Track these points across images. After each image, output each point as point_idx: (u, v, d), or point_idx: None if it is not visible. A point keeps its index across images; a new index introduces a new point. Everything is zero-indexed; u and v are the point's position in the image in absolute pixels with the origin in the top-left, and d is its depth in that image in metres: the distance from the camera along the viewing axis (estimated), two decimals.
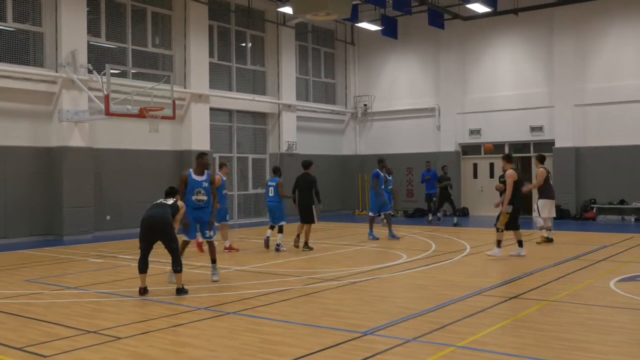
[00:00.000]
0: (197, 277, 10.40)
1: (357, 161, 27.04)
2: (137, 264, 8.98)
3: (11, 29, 16.77)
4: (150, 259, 9.01)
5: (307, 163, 14.44)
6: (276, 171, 14.57)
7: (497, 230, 12.35)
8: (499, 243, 12.28)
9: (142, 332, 6.85)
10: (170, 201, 9.22)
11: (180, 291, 8.83)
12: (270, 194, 14.08)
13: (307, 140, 25.23)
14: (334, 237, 15.49)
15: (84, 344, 6.38)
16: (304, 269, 11.12)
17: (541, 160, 15.14)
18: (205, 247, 11.69)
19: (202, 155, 10.02)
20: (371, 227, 15.69)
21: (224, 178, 13.63)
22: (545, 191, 14.58)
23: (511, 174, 12.28)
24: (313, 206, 13.87)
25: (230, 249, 13.64)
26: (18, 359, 5.93)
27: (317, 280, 9.95)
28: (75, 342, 6.46)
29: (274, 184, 14.11)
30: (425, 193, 21.71)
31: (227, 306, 8.09)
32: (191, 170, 9.95)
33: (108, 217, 18.32)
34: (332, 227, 15.51)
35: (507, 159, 12.75)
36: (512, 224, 12.32)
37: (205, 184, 9.80)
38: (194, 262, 12.18)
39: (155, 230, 8.80)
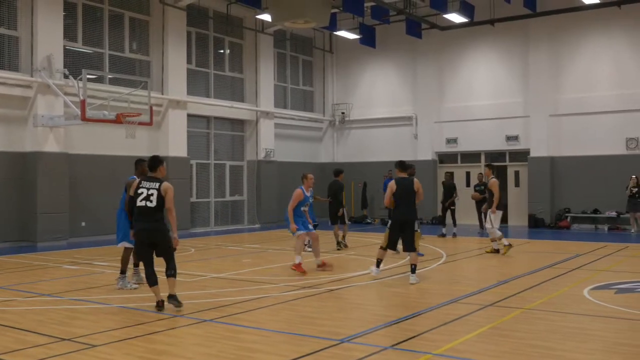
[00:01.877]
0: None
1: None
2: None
3: None
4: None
5: (337, 171, 16.08)
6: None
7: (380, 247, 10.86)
8: (378, 263, 10.81)
9: (118, 339, 6.78)
10: (153, 196, 8.18)
11: (173, 298, 8.19)
12: None
13: (285, 148, 25.25)
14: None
15: (59, 352, 6.30)
16: (280, 277, 11.09)
17: (493, 170, 14.81)
18: (305, 268, 11.24)
19: (141, 161, 9.87)
20: None
21: (307, 193, 12.25)
22: (500, 201, 14.28)
23: (390, 184, 10.69)
24: (343, 209, 15.50)
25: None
26: None
27: (294, 288, 9.93)
28: (49, 350, 6.37)
29: None
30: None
31: (204, 313, 8.04)
32: (135, 176, 9.73)
33: (83, 224, 18.12)
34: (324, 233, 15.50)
35: (401, 166, 10.92)
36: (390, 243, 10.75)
37: None
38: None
39: (152, 242, 8.27)
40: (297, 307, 8.56)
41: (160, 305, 8.16)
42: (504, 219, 23.37)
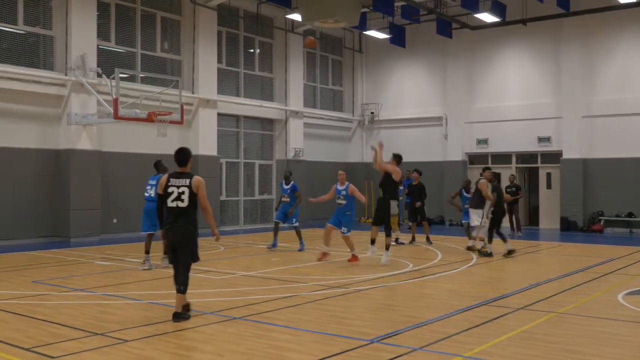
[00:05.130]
0: (202, 281, 10.40)
1: (363, 169, 27.02)
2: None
3: (22, 31, 16.88)
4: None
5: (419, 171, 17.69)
6: None
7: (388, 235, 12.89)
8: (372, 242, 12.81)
9: (149, 335, 6.86)
10: (184, 194, 7.55)
11: (179, 316, 7.51)
12: None
13: (314, 147, 25.29)
14: (340, 244, 15.46)
15: (91, 346, 6.40)
16: (309, 276, 11.12)
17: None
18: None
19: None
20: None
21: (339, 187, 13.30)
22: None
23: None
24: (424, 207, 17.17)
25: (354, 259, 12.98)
26: (26, 359, 5.96)
27: (323, 287, 9.94)
28: (82, 344, 6.47)
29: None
30: (406, 202, 21.68)
31: (234, 311, 8.09)
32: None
33: (115, 220, 18.36)
34: (337, 234, 15.49)
35: (396, 158, 13.47)
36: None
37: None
38: (200, 266, 12.19)
39: (175, 245, 7.68)
40: (326, 306, 8.57)
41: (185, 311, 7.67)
42: (535, 222, 23.19)
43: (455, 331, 7.09)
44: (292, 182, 15.23)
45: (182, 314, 7.52)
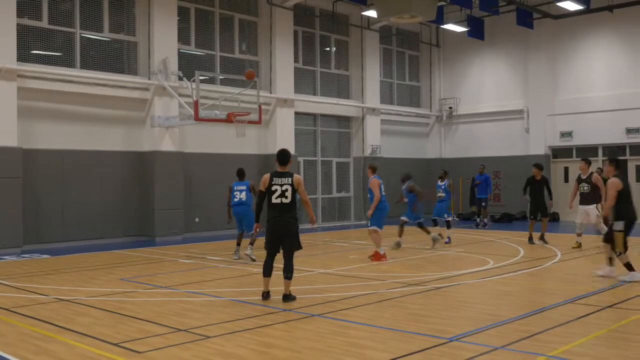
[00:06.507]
0: (280, 278, 10.52)
1: (441, 165, 26.59)
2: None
3: (107, 39, 17.59)
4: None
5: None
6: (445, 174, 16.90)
7: (617, 254, 9.86)
8: (630, 266, 9.85)
9: (230, 331, 7.01)
10: (288, 192, 8.50)
11: (287, 297, 8.60)
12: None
13: (391, 144, 25.14)
14: (418, 241, 15.33)
15: (176, 342, 6.59)
16: (387, 273, 11.06)
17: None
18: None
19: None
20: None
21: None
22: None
23: (614, 182, 10.01)
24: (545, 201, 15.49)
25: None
26: (114, 354, 6.19)
27: (401, 285, 9.87)
28: (167, 340, 6.68)
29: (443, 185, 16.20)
30: (476, 197, 21.33)
31: (312, 308, 8.15)
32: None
33: (197, 220, 18.87)
34: (416, 231, 15.36)
35: (613, 163, 10.43)
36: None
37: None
38: (278, 264, 12.33)
39: (283, 234, 8.57)
40: (404, 304, 8.50)
41: (265, 296, 8.60)
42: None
43: (539, 330, 6.89)
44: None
45: (290, 296, 8.57)
